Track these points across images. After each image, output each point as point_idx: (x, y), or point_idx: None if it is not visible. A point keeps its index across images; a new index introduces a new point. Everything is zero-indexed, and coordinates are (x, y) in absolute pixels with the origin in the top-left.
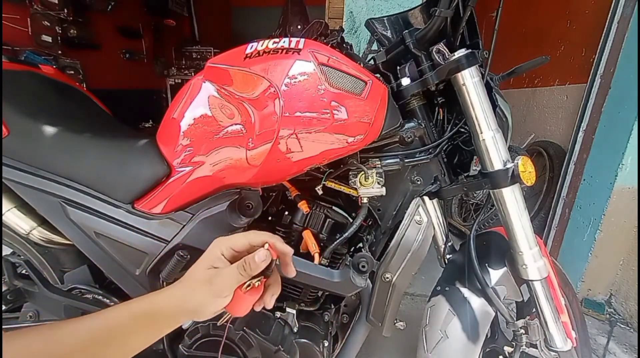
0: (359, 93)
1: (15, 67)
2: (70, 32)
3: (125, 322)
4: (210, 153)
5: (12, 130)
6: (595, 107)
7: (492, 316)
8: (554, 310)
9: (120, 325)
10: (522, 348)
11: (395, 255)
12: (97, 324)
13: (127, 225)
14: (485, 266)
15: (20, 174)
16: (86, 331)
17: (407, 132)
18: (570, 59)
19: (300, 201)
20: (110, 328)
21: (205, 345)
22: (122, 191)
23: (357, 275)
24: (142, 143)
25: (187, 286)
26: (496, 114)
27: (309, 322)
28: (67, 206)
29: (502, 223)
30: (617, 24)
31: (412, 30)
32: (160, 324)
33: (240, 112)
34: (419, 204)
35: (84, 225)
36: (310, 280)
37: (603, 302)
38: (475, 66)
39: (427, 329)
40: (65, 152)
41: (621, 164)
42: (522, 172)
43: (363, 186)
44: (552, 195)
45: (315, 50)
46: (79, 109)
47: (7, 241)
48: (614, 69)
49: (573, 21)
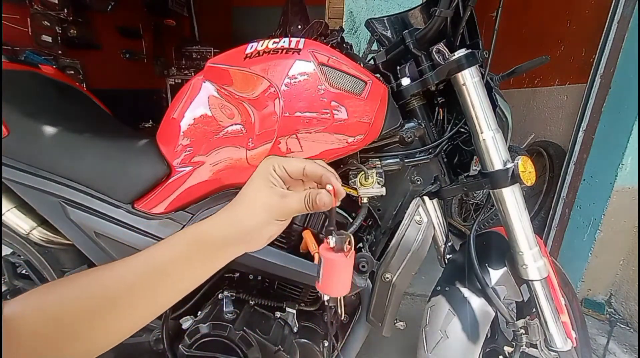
0: (359, 93)
1: (15, 67)
2: (70, 32)
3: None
4: (211, 153)
5: (12, 130)
6: (595, 107)
7: (492, 316)
8: (554, 310)
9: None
10: (522, 348)
11: (395, 255)
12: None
13: (127, 225)
14: (485, 266)
15: (20, 174)
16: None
17: (407, 133)
18: (570, 59)
19: None
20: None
21: (205, 345)
22: (122, 191)
23: (357, 275)
24: (142, 143)
25: (242, 204)
26: (496, 114)
27: (309, 322)
28: (67, 206)
29: (502, 223)
30: (617, 24)
31: (412, 30)
32: (216, 252)
33: (240, 112)
34: (419, 204)
35: (84, 224)
36: (310, 280)
37: (603, 302)
38: (475, 66)
39: (427, 329)
40: (65, 152)
41: (621, 164)
42: (522, 172)
43: (363, 186)
44: (552, 195)
45: (315, 50)
46: (79, 109)
47: (7, 241)
48: (614, 69)
49: (573, 21)
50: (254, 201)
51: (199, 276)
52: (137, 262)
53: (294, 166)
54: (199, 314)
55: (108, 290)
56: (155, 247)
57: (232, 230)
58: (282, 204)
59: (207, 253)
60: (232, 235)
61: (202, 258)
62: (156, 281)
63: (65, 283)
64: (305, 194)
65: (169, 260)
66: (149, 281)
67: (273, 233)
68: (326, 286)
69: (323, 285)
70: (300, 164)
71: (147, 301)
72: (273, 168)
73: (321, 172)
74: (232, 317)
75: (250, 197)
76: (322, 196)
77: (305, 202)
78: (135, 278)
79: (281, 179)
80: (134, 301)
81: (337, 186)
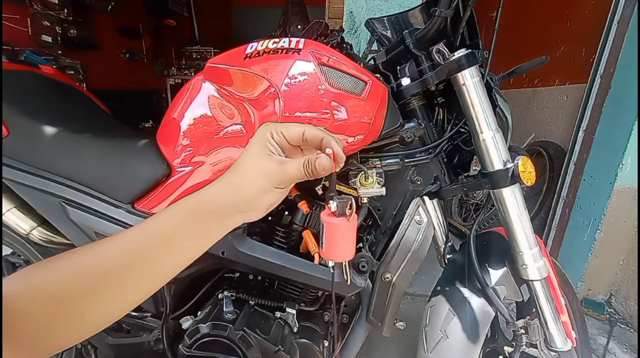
0: (359, 93)
1: (15, 67)
2: (70, 32)
3: (177, 221)
4: (211, 153)
5: (12, 130)
6: (595, 107)
7: (492, 316)
8: (554, 310)
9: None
10: (522, 348)
11: (395, 255)
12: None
13: (127, 225)
14: (485, 266)
15: (20, 174)
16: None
17: (407, 133)
18: (570, 59)
19: (300, 201)
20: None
21: (205, 345)
22: (122, 191)
23: (357, 275)
24: (142, 143)
25: (239, 172)
26: (496, 114)
27: (309, 322)
28: (67, 206)
29: (502, 223)
30: (617, 24)
31: (412, 30)
32: (213, 221)
33: (240, 112)
34: (419, 204)
35: (84, 224)
36: (310, 280)
37: (603, 302)
38: (475, 66)
39: (427, 329)
40: (65, 152)
41: (621, 164)
42: (522, 172)
43: (363, 186)
44: (552, 195)
45: (315, 50)
46: (79, 109)
47: (7, 241)
48: (614, 69)
49: (573, 21)
50: (251, 168)
51: (199, 247)
52: (135, 234)
53: (293, 131)
54: (199, 314)
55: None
56: (154, 218)
57: (230, 198)
58: (280, 171)
59: (205, 222)
60: (231, 203)
61: (201, 227)
62: (155, 252)
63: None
64: (305, 159)
65: (167, 230)
66: (148, 253)
67: (273, 201)
68: (330, 252)
69: (327, 251)
70: (300, 129)
71: (146, 273)
72: (271, 134)
73: (322, 135)
74: (232, 317)
75: (247, 165)
76: (321, 160)
77: (305, 168)
78: (133, 250)
79: (279, 146)
80: (134, 273)
81: (337, 149)
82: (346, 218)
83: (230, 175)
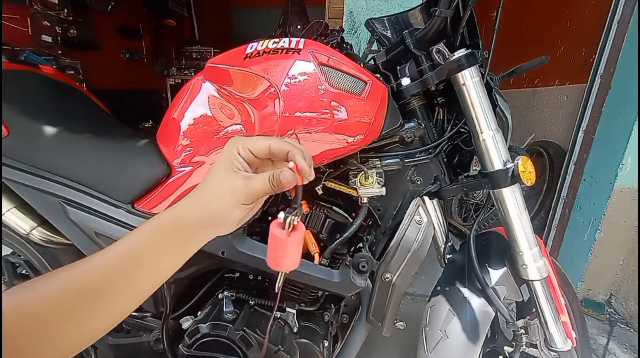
0: (359, 93)
1: (15, 67)
2: (70, 32)
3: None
4: (211, 153)
5: (12, 130)
6: (595, 107)
7: (492, 316)
8: (554, 310)
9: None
10: (522, 348)
11: (395, 255)
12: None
13: (127, 225)
14: (485, 266)
15: (20, 174)
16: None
17: (407, 133)
18: (570, 59)
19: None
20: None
21: (205, 345)
22: (122, 191)
23: (357, 275)
24: (142, 143)
25: (206, 189)
26: (496, 114)
27: (309, 322)
28: (67, 206)
29: (502, 223)
30: (617, 24)
31: (412, 30)
32: (186, 237)
33: (240, 112)
34: (419, 204)
35: (84, 224)
36: (310, 280)
37: (603, 302)
38: (475, 66)
39: (427, 329)
40: (65, 152)
41: (621, 164)
42: (522, 172)
43: (363, 186)
44: (552, 195)
45: (315, 50)
46: (79, 109)
47: (7, 241)
48: (614, 69)
49: (573, 21)
50: (219, 185)
51: (174, 262)
52: (111, 252)
53: (258, 145)
54: (199, 314)
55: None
56: (128, 235)
57: (200, 213)
58: (245, 187)
59: (179, 237)
60: (202, 218)
61: (173, 243)
62: (131, 270)
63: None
64: (269, 174)
65: (144, 246)
66: (125, 271)
67: (242, 216)
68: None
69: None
70: (266, 143)
71: (125, 291)
72: (237, 150)
73: (287, 149)
74: (232, 317)
75: (213, 181)
76: (285, 173)
77: (270, 182)
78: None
79: (246, 161)
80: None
81: (301, 163)
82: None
83: (199, 191)
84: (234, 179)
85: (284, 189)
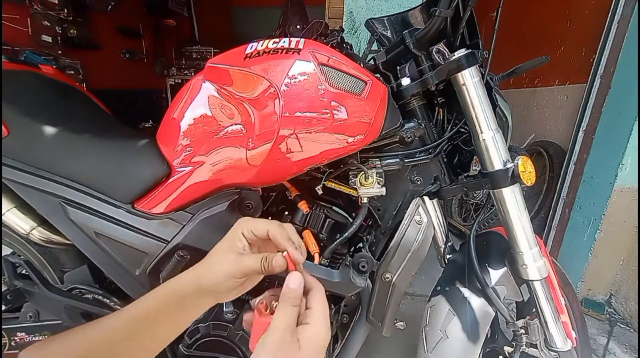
0: (359, 93)
1: (15, 67)
2: (70, 32)
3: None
4: (210, 153)
5: (12, 130)
6: (595, 107)
7: (492, 316)
8: (554, 310)
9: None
10: (522, 348)
11: (395, 255)
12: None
13: (127, 225)
14: (485, 266)
15: (20, 174)
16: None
17: (407, 133)
18: (570, 59)
19: (300, 201)
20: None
21: (205, 345)
22: (122, 191)
23: (357, 275)
24: (142, 143)
25: (206, 263)
26: (496, 114)
27: None
28: (67, 206)
29: (502, 223)
30: (617, 24)
31: (412, 30)
32: (188, 305)
33: (240, 112)
34: (419, 204)
35: (84, 224)
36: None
37: (603, 302)
38: (475, 66)
39: (427, 329)
40: (65, 152)
41: (621, 164)
42: (522, 172)
43: (363, 186)
44: (552, 195)
45: (315, 50)
46: (79, 109)
47: (7, 241)
48: (614, 69)
49: (573, 21)
50: (217, 259)
51: (180, 325)
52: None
53: (259, 229)
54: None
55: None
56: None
57: (202, 282)
58: (236, 263)
59: (184, 302)
60: (202, 287)
61: (179, 308)
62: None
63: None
64: (263, 255)
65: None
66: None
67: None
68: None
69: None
70: (265, 227)
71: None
72: (242, 231)
73: (280, 240)
74: (232, 317)
75: (213, 255)
76: (277, 258)
77: (262, 263)
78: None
79: (247, 241)
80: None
81: (294, 254)
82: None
83: (201, 262)
84: (228, 254)
85: (274, 273)
